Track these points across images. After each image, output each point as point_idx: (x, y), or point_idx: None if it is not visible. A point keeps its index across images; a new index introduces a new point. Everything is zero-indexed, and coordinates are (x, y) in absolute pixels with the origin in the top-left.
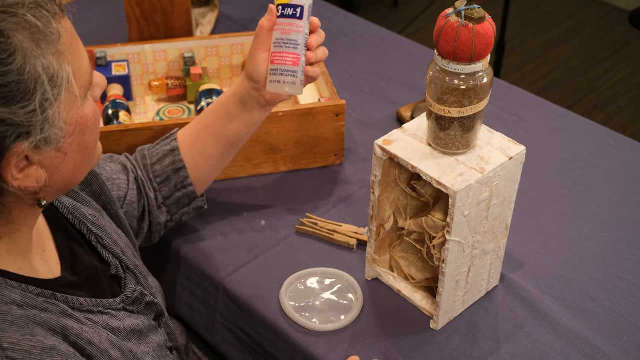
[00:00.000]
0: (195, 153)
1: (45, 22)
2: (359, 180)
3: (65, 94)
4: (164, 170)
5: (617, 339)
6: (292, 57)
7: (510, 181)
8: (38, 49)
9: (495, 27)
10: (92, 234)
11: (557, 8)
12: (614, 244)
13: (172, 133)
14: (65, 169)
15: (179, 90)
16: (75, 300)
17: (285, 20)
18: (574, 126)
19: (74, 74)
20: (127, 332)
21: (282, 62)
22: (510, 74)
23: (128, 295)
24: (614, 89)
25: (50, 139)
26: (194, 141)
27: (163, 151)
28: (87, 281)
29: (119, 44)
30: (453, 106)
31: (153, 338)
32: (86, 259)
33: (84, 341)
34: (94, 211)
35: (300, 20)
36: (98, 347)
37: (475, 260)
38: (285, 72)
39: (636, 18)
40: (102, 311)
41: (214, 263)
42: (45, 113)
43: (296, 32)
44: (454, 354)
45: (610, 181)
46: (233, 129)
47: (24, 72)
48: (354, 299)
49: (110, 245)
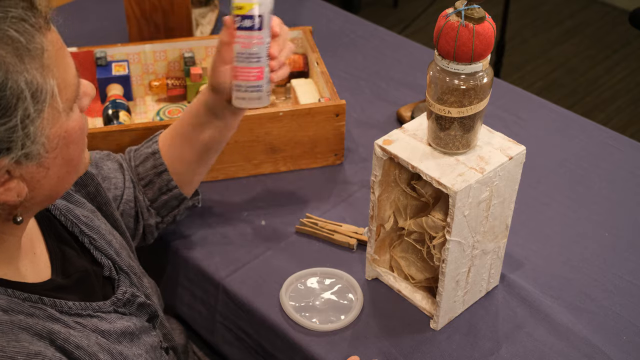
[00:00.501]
0: (174, 159)
1: (29, 37)
2: (359, 180)
3: (48, 109)
4: (147, 173)
5: (617, 339)
6: (256, 71)
7: (510, 181)
8: (21, 64)
9: (495, 27)
10: (85, 236)
11: (557, 8)
12: (614, 244)
13: (155, 135)
14: (48, 182)
15: (179, 90)
16: (63, 304)
17: (244, 32)
18: (574, 126)
19: (59, 87)
20: (118, 334)
21: (246, 78)
22: (510, 74)
23: (119, 297)
24: (614, 89)
25: (32, 154)
26: (171, 147)
27: (145, 154)
28: (77, 284)
29: (119, 44)
30: (453, 106)
31: (146, 339)
32: (77, 261)
33: (72, 345)
34: (87, 212)
35: (260, 32)
36: (86, 351)
37: (475, 260)
38: (250, 89)
39: (636, 18)
40: (92, 314)
41: (214, 263)
42: (26, 129)
43: (257, 44)
44: (454, 354)
45: (610, 181)
46: (207, 135)
47: (5, 88)
48: (354, 298)
49: (103, 247)
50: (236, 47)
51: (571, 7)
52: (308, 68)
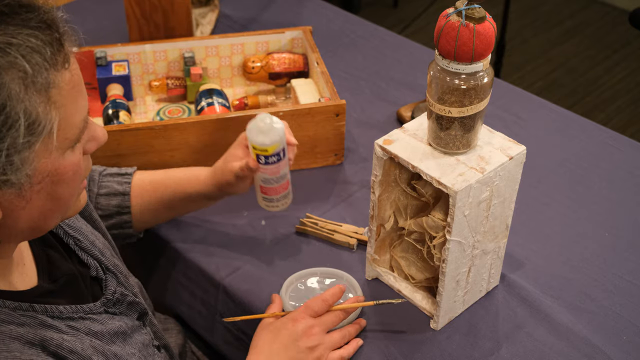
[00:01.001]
0: (144, 208)
1: (37, 70)
2: (359, 180)
3: (41, 144)
4: (108, 207)
5: (617, 339)
6: (283, 186)
7: (510, 181)
8: (25, 93)
9: (495, 27)
10: (70, 237)
11: (557, 8)
12: (614, 244)
13: (129, 173)
14: (28, 214)
15: (179, 90)
16: (54, 309)
17: (272, 165)
18: (574, 126)
19: (60, 125)
20: (111, 334)
21: (277, 192)
22: (510, 74)
23: (108, 298)
24: (614, 89)
25: (11, 182)
26: (145, 198)
27: (114, 189)
28: (65, 287)
29: (119, 44)
30: (453, 106)
31: (138, 338)
32: (63, 264)
33: (65, 350)
34: None
35: (284, 159)
36: (80, 355)
37: (476, 260)
38: (281, 198)
39: (636, 18)
40: (83, 317)
41: (214, 263)
42: (10, 157)
43: (283, 167)
44: (454, 354)
45: (610, 181)
46: (192, 208)
47: (1, 112)
48: None
49: (88, 247)
50: (263, 175)
51: (571, 7)
52: (308, 68)
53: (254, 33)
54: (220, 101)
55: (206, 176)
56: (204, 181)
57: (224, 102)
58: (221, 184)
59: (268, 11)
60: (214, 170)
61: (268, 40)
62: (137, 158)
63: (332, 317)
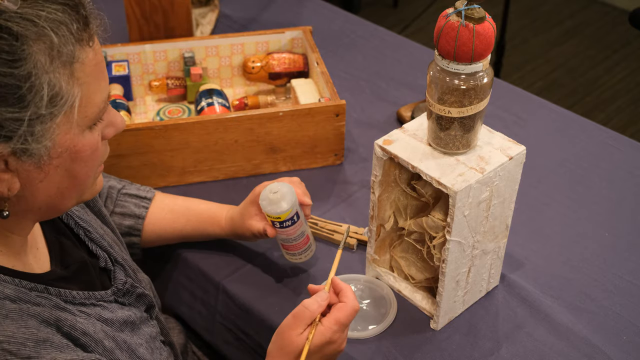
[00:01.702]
0: (157, 237)
1: (63, 41)
2: (359, 180)
3: (63, 117)
4: (120, 227)
5: (617, 339)
6: (303, 242)
7: (510, 181)
8: (51, 65)
9: (495, 27)
10: (80, 228)
11: (557, 8)
12: (614, 244)
13: (148, 198)
14: (45, 188)
15: (179, 90)
16: (67, 293)
17: (288, 228)
18: (574, 126)
19: (81, 101)
20: (120, 323)
21: (296, 249)
22: (510, 74)
23: (119, 287)
24: (614, 89)
25: (32, 152)
26: (162, 231)
27: (131, 210)
28: (76, 274)
29: (119, 44)
30: (453, 106)
31: (145, 329)
32: (75, 252)
33: (78, 332)
34: (78, 207)
35: (299, 220)
36: (92, 337)
37: (476, 260)
38: (301, 253)
39: (636, 18)
40: (95, 303)
41: (214, 263)
42: (32, 126)
43: (300, 226)
44: (454, 354)
45: (610, 181)
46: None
47: (26, 81)
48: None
49: (97, 239)
50: (282, 236)
51: (571, 7)
52: (308, 68)
53: (254, 33)
54: (220, 101)
55: (225, 223)
56: (224, 226)
57: (224, 102)
58: (237, 235)
59: (268, 11)
60: (231, 219)
61: (268, 40)
62: (137, 158)
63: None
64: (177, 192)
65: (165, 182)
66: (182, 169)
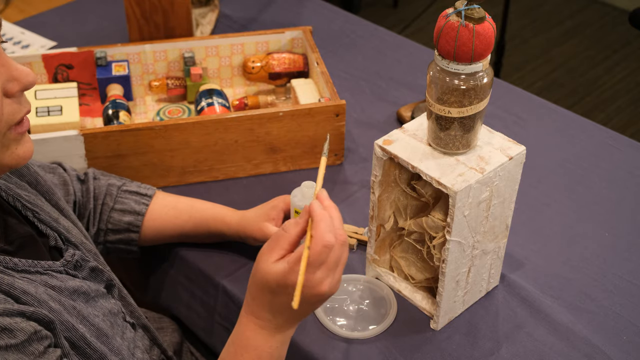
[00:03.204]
0: (157, 234)
1: None
2: (359, 180)
3: None
4: (119, 223)
5: (617, 339)
6: None
7: (510, 181)
8: None
9: (495, 27)
10: (28, 210)
11: (557, 8)
12: (614, 244)
13: (149, 195)
14: None
15: (179, 90)
16: (8, 260)
17: None
18: (574, 126)
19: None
20: (70, 291)
21: None
22: (510, 74)
23: (67, 259)
24: (614, 89)
25: None
26: (163, 227)
27: (130, 207)
28: (21, 248)
29: (119, 44)
30: (453, 106)
31: (103, 304)
32: (20, 228)
33: (18, 290)
34: (29, 194)
35: None
36: (34, 297)
37: (475, 260)
38: None
39: (636, 18)
40: (40, 272)
41: (214, 263)
42: None
43: None
44: (454, 354)
45: (610, 181)
46: (205, 241)
47: None
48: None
49: (47, 220)
50: None
51: (571, 7)
52: (308, 68)
53: (254, 33)
54: (220, 101)
55: (231, 220)
56: (229, 225)
57: (224, 102)
58: (245, 235)
59: (268, 11)
60: (241, 219)
61: (268, 40)
62: (137, 158)
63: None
64: (177, 192)
65: (165, 182)
66: (182, 169)
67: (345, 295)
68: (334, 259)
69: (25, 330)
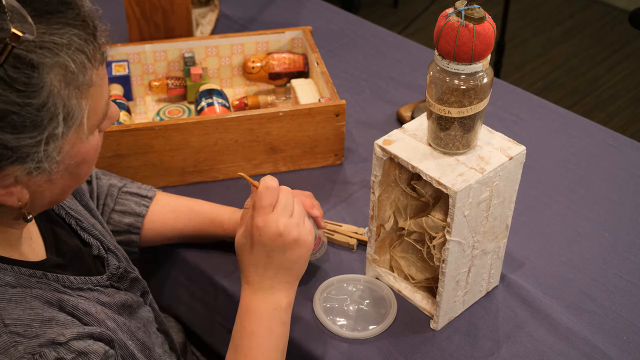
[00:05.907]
0: (156, 235)
1: (81, 69)
2: (359, 180)
3: (73, 133)
4: (119, 224)
5: (617, 339)
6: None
7: (510, 181)
8: (66, 90)
9: (495, 27)
10: (71, 217)
11: (557, 8)
12: (614, 244)
13: (149, 196)
14: (51, 192)
15: (179, 90)
16: (65, 278)
17: None
18: (574, 126)
19: (89, 113)
20: (118, 306)
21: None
22: (510, 74)
23: (113, 272)
24: (614, 89)
25: (44, 169)
26: (162, 229)
27: (131, 208)
28: (72, 261)
29: (119, 44)
30: (453, 106)
31: (142, 314)
32: (69, 240)
33: (81, 311)
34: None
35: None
36: (95, 317)
37: (476, 260)
38: (314, 253)
39: (636, 18)
40: (92, 288)
41: (214, 263)
42: (47, 146)
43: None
44: (454, 354)
45: (610, 181)
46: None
47: (43, 108)
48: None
49: (89, 228)
50: None
51: (571, 7)
52: (308, 68)
53: (254, 33)
54: (220, 101)
55: (229, 223)
56: (227, 228)
57: (224, 102)
58: None
59: (268, 11)
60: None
61: (268, 40)
62: (137, 158)
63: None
64: (177, 192)
65: (165, 182)
66: (182, 169)
67: (345, 295)
68: (283, 201)
69: (97, 352)
